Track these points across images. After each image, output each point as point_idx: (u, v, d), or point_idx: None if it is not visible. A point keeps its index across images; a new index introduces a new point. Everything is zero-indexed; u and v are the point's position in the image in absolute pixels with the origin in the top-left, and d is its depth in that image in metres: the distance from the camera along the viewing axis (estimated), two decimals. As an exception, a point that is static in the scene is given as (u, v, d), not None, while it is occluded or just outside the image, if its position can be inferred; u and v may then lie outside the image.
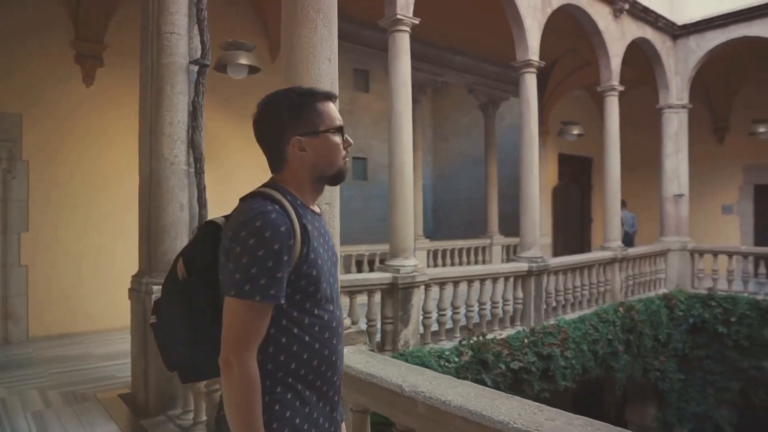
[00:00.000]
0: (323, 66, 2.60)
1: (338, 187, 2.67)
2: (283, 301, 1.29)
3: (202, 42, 4.26)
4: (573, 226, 15.50)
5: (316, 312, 1.38)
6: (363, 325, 5.80)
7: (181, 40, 4.09)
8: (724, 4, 10.34)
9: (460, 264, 11.77)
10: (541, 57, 7.88)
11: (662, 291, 10.57)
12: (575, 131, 11.82)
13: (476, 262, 12.10)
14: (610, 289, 9.31)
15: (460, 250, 12.06)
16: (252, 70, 6.27)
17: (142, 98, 4.27)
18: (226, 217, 1.43)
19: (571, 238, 15.20)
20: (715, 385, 10.21)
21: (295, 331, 1.34)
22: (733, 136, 13.35)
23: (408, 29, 6.07)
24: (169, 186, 4.10)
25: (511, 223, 13.80)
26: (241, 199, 1.38)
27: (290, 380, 1.34)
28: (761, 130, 11.66)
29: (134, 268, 4.60)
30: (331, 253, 1.48)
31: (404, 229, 6.13)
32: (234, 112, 8.05)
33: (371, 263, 10.32)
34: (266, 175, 1.47)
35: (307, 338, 1.36)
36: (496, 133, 13.17)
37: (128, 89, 6.51)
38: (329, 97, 1.47)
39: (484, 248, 12.47)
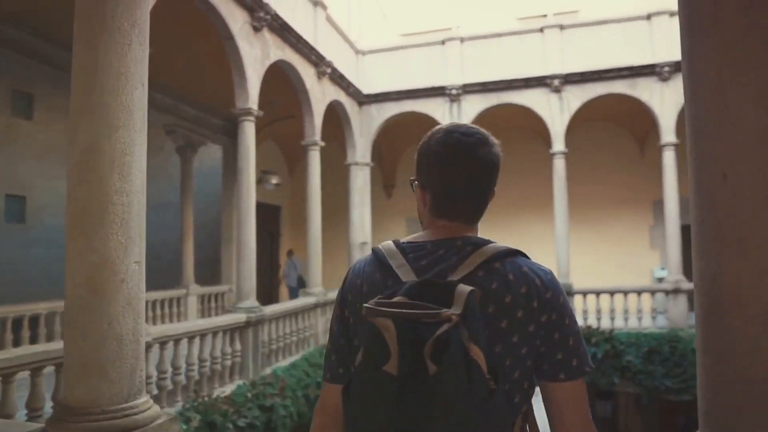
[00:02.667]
0: (137, 92, 2.12)
1: (144, 244, 2.21)
2: None
3: None
4: (263, 272, 15.79)
5: None
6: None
7: None
8: (398, 83, 12.29)
9: (154, 319, 10.69)
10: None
11: (354, 331, 11.53)
12: (274, 180, 12.21)
13: (171, 315, 11.19)
14: (314, 333, 9.73)
15: (154, 303, 10.94)
16: None
17: None
18: (470, 282, 1.06)
19: (261, 283, 15.43)
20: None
21: None
22: (399, 192, 15.72)
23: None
24: None
25: (207, 271, 13.38)
26: (498, 257, 1.11)
27: None
28: (421, 188, 14.00)
29: None
30: None
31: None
32: None
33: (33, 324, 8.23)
34: None
35: None
36: (193, 177, 12.63)
37: None
38: None
39: (179, 299, 11.64)
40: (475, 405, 0.94)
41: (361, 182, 12.43)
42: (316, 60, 9.70)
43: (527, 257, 1.17)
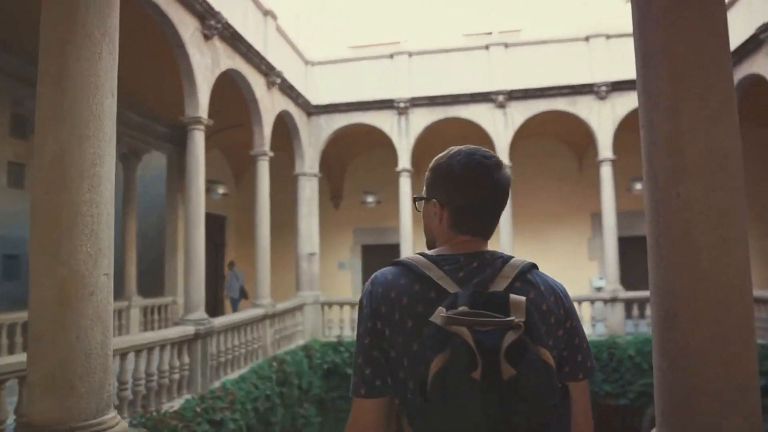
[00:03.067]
0: (107, 102, 2.10)
1: (113, 255, 2.19)
2: None
3: None
4: (208, 282, 15.42)
5: None
6: None
7: None
8: (347, 95, 12.37)
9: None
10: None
11: (302, 342, 11.45)
12: (221, 190, 12.01)
13: (113, 329, 10.76)
14: (262, 345, 9.60)
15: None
16: None
17: None
18: (511, 292, 1.14)
19: (206, 295, 15.08)
20: (345, 422, 11.48)
21: None
22: (346, 203, 15.74)
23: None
24: None
25: (149, 282, 12.96)
26: (527, 269, 1.21)
27: None
28: (369, 199, 14.11)
29: None
30: None
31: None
32: None
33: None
34: None
35: None
36: (136, 186, 12.25)
37: None
38: None
39: (120, 311, 11.23)
40: (555, 405, 1.05)
41: (309, 193, 12.39)
42: (266, 70, 9.66)
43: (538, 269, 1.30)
